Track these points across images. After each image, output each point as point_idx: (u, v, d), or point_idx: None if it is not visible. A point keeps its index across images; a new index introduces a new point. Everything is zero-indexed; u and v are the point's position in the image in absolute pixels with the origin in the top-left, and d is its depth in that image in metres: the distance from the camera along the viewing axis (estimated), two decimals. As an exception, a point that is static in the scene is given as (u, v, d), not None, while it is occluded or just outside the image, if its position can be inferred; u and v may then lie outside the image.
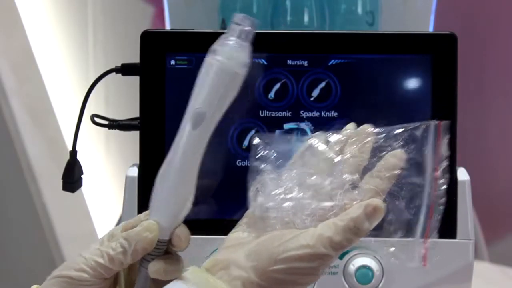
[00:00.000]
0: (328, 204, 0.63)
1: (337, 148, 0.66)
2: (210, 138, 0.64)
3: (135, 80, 0.84)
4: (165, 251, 0.64)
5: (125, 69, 0.84)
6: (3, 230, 1.66)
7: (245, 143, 0.83)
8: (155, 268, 0.63)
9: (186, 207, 0.64)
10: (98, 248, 0.63)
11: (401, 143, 0.66)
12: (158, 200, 0.64)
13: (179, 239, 0.64)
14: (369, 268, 0.80)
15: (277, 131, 0.82)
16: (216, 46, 0.64)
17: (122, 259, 0.62)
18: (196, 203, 0.80)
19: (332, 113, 0.83)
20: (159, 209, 0.64)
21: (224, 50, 0.63)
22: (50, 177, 1.63)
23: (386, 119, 0.83)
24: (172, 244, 0.64)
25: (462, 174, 0.82)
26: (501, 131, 1.64)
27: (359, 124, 0.69)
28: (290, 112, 0.83)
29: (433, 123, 0.66)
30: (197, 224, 0.83)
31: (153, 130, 0.82)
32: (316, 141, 0.67)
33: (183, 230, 0.64)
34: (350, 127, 0.68)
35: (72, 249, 1.64)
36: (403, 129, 0.67)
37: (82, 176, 0.87)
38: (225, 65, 0.63)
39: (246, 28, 0.64)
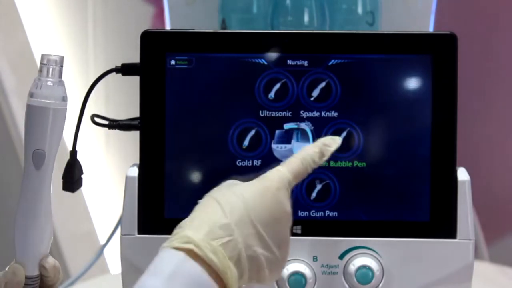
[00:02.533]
0: None
1: None
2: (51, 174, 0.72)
3: (135, 80, 0.84)
4: (40, 286, 0.70)
5: (125, 69, 0.84)
6: (3, 230, 1.66)
7: (245, 143, 0.83)
8: None
9: (46, 240, 0.71)
10: None
11: None
12: (18, 241, 0.72)
13: (46, 270, 0.70)
14: (369, 268, 0.80)
15: (277, 131, 0.82)
16: (32, 89, 0.70)
17: None
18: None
19: (332, 113, 0.83)
20: (20, 249, 0.71)
21: (41, 91, 0.70)
22: (50, 177, 1.62)
23: (386, 119, 0.83)
24: (43, 275, 0.70)
25: (462, 174, 0.82)
26: (501, 131, 1.64)
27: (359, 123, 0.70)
28: (290, 112, 0.83)
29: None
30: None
31: (153, 130, 0.82)
32: None
33: (49, 261, 0.71)
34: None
35: (72, 249, 1.64)
36: None
37: (82, 176, 0.87)
38: (47, 105, 0.69)
39: (55, 67, 0.71)
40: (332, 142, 0.73)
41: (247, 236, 0.64)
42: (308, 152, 0.71)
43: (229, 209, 0.65)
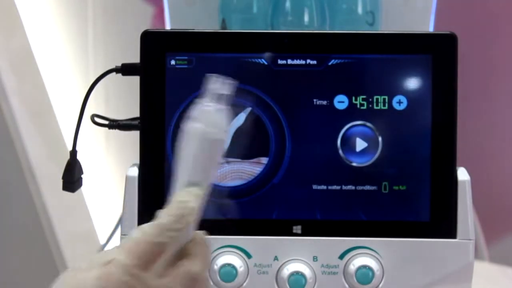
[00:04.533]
0: None
1: None
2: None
3: (135, 80, 0.84)
4: None
5: (125, 69, 0.84)
6: (3, 230, 1.66)
7: (245, 143, 0.83)
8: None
9: None
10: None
11: None
12: None
13: None
14: (369, 268, 0.80)
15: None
16: (195, 113, 0.64)
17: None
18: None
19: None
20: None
21: (204, 117, 0.64)
22: (50, 177, 1.62)
23: (385, 119, 0.83)
24: None
25: (462, 174, 0.82)
26: (501, 131, 1.64)
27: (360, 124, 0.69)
28: None
29: None
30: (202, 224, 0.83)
31: (153, 130, 0.82)
32: None
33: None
34: None
35: (72, 249, 1.64)
36: None
37: (82, 176, 0.87)
38: (208, 133, 0.63)
39: (224, 93, 0.65)
40: (190, 197, 0.63)
41: None
42: (160, 221, 0.62)
43: None
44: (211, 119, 0.64)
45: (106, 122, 0.85)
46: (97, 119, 0.85)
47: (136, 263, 0.59)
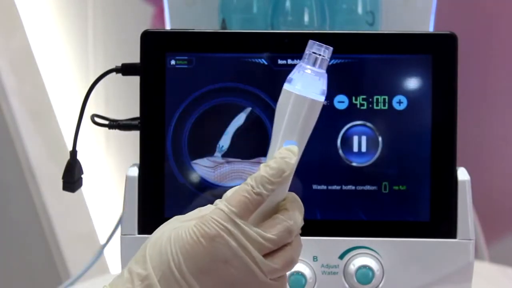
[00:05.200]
0: None
1: None
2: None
3: (135, 80, 0.84)
4: None
5: (125, 69, 0.84)
6: (3, 230, 1.66)
7: (245, 143, 0.83)
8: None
9: None
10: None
11: None
12: None
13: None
14: (369, 268, 0.80)
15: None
16: (294, 75, 0.66)
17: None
18: (193, 203, 0.81)
19: (332, 113, 0.83)
20: None
21: (302, 79, 0.65)
22: (50, 177, 1.63)
23: (386, 119, 0.83)
24: None
25: (462, 174, 0.82)
26: (501, 131, 1.64)
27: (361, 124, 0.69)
28: None
29: None
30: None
31: (153, 130, 0.82)
32: None
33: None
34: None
35: (72, 249, 1.64)
36: None
37: (82, 176, 0.87)
38: (306, 95, 0.65)
39: (322, 57, 0.66)
40: (289, 154, 0.65)
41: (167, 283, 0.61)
42: (259, 173, 0.64)
43: (157, 262, 0.62)
44: (308, 82, 0.65)
45: (106, 122, 0.85)
46: (97, 119, 0.85)
47: (235, 211, 0.62)
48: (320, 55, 0.66)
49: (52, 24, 1.70)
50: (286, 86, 0.66)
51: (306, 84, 0.65)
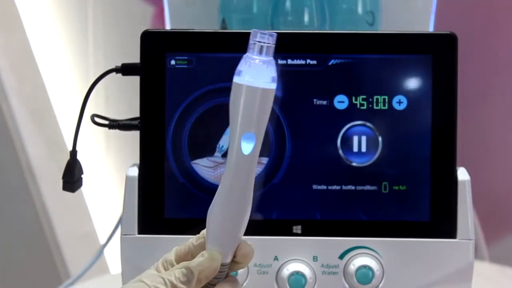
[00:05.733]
0: None
1: None
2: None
3: (135, 80, 0.84)
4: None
5: (125, 69, 0.84)
6: (4, 230, 1.66)
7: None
8: None
9: (244, 226, 0.66)
10: (160, 275, 0.64)
11: None
12: (215, 228, 0.65)
13: (245, 258, 0.66)
14: (369, 268, 0.80)
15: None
16: (241, 66, 0.65)
17: None
18: (193, 203, 0.80)
19: (332, 113, 0.83)
20: (219, 233, 0.65)
21: (250, 69, 0.65)
22: (50, 177, 1.62)
23: (385, 119, 0.83)
24: (237, 262, 0.66)
25: (462, 174, 0.82)
26: (501, 131, 1.64)
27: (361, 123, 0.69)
28: None
29: None
30: (195, 224, 0.83)
31: (154, 130, 0.82)
32: None
33: (247, 247, 0.66)
34: None
35: (72, 249, 1.64)
36: None
37: (82, 176, 0.87)
38: (256, 84, 0.64)
39: (267, 44, 0.65)
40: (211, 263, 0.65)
41: None
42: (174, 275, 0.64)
43: None
44: (257, 71, 0.65)
45: (106, 122, 0.85)
46: (97, 119, 0.85)
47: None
48: (265, 42, 0.65)
49: (52, 23, 1.70)
50: (235, 79, 0.65)
51: (255, 74, 0.64)
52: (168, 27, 1.01)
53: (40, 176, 1.62)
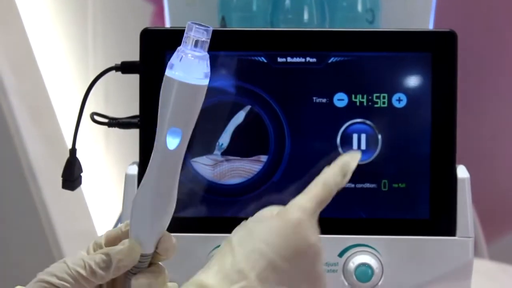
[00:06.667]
0: None
1: None
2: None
3: (135, 78, 0.84)
4: (149, 262, 0.66)
5: (124, 67, 0.84)
6: (3, 228, 1.66)
7: (245, 141, 0.83)
8: (138, 283, 0.64)
9: (168, 219, 0.65)
10: (82, 258, 0.64)
11: None
12: (138, 219, 0.65)
13: (166, 251, 0.66)
14: (368, 266, 0.80)
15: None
16: (174, 60, 0.63)
17: (103, 274, 0.63)
18: (193, 201, 0.80)
19: (332, 111, 0.83)
20: (140, 224, 0.65)
21: (183, 64, 0.63)
22: (49, 175, 1.62)
23: (385, 117, 0.83)
24: (159, 254, 0.66)
25: (462, 172, 0.82)
26: (501, 129, 1.64)
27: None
28: None
29: None
30: (195, 222, 0.83)
31: (153, 128, 0.82)
32: None
33: (169, 240, 0.66)
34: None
35: (72, 247, 1.64)
36: None
37: (81, 174, 0.87)
38: (187, 80, 0.63)
39: (202, 39, 0.64)
40: (352, 159, 0.67)
41: (265, 278, 0.60)
42: (329, 175, 0.66)
43: (246, 254, 0.61)
44: (190, 66, 0.63)
45: (106, 120, 0.85)
46: (96, 117, 0.85)
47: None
48: (200, 37, 0.63)
49: (51, 22, 1.70)
50: (167, 73, 0.64)
51: (188, 69, 0.63)
52: (168, 25, 1.01)
53: (39, 174, 1.62)
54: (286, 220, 0.63)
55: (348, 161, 0.67)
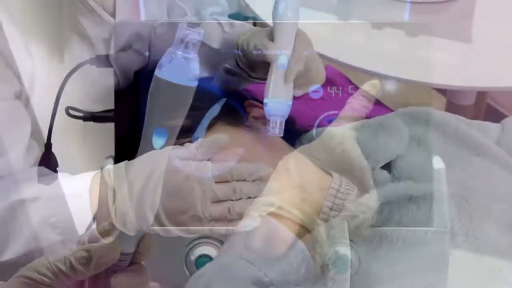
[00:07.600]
0: None
1: None
2: None
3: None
4: (130, 261, 0.66)
5: (99, 61, 0.84)
6: None
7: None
8: (117, 281, 0.65)
9: (150, 219, 0.66)
10: (64, 254, 0.64)
11: None
12: (122, 215, 0.66)
13: (147, 250, 0.66)
14: (345, 256, 0.81)
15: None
16: (163, 60, 0.64)
17: (83, 270, 0.63)
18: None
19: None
20: (123, 223, 0.66)
21: (172, 64, 0.64)
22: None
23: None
24: (140, 253, 0.66)
25: (437, 163, 0.83)
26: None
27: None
28: None
29: None
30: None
31: (127, 121, 0.82)
32: None
33: (149, 239, 0.67)
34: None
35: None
36: None
37: (57, 168, 0.86)
38: (176, 80, 0.63)
39: (193, 41, 0.64)
40: (372, 87, 0.75)
41: None
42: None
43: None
44: (179, 67, 0.64)
45: (81, 115, 0.85)
46: (72, 112, 0.85)
47: None
48: (191, 39, 0.64)
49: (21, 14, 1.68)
50: (157, 73, 0.64)
51: (177, 70, 0.64)
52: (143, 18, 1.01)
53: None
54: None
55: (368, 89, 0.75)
